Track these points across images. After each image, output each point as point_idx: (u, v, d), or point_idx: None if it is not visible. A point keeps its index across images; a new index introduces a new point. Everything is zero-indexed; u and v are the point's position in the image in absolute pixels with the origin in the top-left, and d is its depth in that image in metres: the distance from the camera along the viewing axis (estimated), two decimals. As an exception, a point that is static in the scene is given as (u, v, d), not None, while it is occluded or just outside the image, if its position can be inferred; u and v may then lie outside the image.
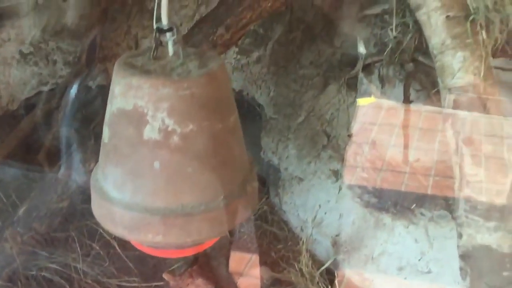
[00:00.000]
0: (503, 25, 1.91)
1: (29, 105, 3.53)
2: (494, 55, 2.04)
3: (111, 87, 1.34)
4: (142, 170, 1.24)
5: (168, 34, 1.35)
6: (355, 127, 3.08)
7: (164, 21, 1.34)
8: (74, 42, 3.65)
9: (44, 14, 3.53)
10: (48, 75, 3.71)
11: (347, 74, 3.00)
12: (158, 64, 1.35)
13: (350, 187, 3.00)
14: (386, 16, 2.43)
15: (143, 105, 1.25)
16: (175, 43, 1.36)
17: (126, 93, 1.28)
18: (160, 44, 1.38)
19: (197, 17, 3.64)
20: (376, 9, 2.62)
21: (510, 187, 1.73)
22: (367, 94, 2.98)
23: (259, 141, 3.66)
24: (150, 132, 1.25)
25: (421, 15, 2.03)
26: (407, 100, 2.74)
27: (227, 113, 1.40)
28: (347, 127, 3.09)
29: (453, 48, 1.94)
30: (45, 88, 3.57)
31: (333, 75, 3.10)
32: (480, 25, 1.90)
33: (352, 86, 3.02)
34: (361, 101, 3.11)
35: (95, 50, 3.43)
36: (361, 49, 2.84)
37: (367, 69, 2.90)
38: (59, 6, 3.38)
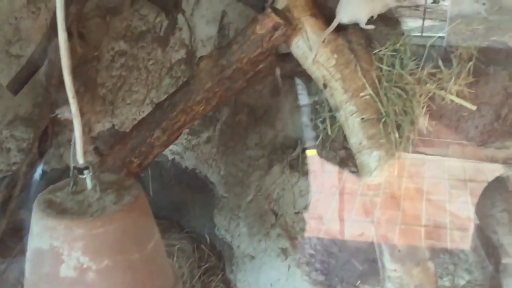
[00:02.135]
0: (412, 126, 2.08)
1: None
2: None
3: (31, 225, 1.42)
4: (61, 307, 1.30)
5: (85, 172, 1.45)
6: (301, 203, 3.19)
7: (80, 160, 1.45)
8: (28, 129, 3.73)
9: (-3, 105, 3.62)
10: (2, 162, 3.75)
11: (289, 156, 3.15)
12: (76, 200, 1.44)
13: (299, 265, 3.08)
14: (318, 107, 2.59)
15: (58, 245, 1.33)
16: (92, 179, 1.46)
17: (43, 233, 1.36)
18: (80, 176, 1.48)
19: (147, 101, 3.79)
20: (310, 99, 2.79)
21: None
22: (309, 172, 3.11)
23: (213, 217, 3.74)
24: (66, 270, 1.32)
25: (340, 116, 2.20)
26: (341, 184, 2.88)
27: (145, 241, 1.49)
28: (293, 205, 3.20)
29: (369, 147, 2.09)
30: (-1, 176, 3.61)
31: (277, 157, 3.24)
32: (391, 126, 2.06)
33: (295, 167, 3.15)
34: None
35: (47, 138, 3.50)
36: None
37: (308, 150, 3.05)
38: (11, 96, 3.47)
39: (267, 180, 3.31)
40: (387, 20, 2.36)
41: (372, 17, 2.28)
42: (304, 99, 2.84)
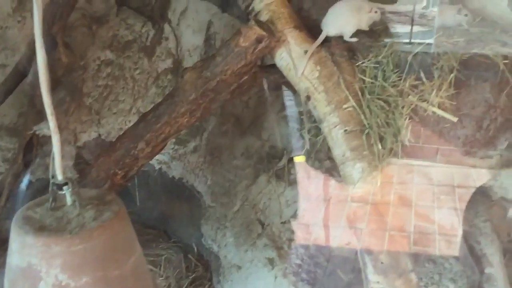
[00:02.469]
0: (395, 137, 2.09)
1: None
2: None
3: (9, 242, 1.41)
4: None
5: (64, 188, 1.45)
6: (288, 213, 3.19)
7: (59, 176, 1.44)
8: (13, 139, 3.70)
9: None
10: (-13, 172, 3.71)
11: (275, 165, 3.15)
12: (55, 216, 1.43)
13: (285, 275, 3.08)
14: (303, 117, 2.60)
15: (37, 262, 1.33)
16: (71, 195, 1.45)
17: (21, 251, 1.35)
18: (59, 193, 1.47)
19: (134, 111, 3.78)
20: (296, 109, 2.80)
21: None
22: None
23: (200, 227, 3.73)
24: (45, 288, 1.32)
25: (324, 128, 2.21)
26: (328, 193, 2.89)
27: (125, 257, 1.48)
28: (279, 215, 3.20)
29: (352, 159, 2.10)
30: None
31: (263, 166, 3.25)
32: (374, 138, 2.07)
33: (281, 176, 3.16)
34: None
35: (32, 148, 3.47)
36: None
37: (293, 161, 3.06)
38: (-4, 104, 3.44)
39: (253, 190, 3.31)
40: (370, 32, 2.38)
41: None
42: (289, 109, 2.85)
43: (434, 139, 2.27)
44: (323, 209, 2.85)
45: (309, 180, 3.01)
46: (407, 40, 2.82)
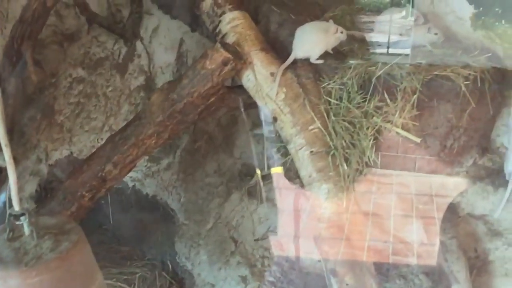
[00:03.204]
0: (360, 158, 2.12)
1: None
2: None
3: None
4: None
5: (21, 218, 1.43)
6: (260, 231, 3.19)
7: (16, 207, 1.43)
8: (-18, 159, 3.64)
9: None
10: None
11: (247, 183, 3.16)
12: (12, 247, 1.41)
13: (258, 293, 3.07)
14: (273, 136, 2.62)
15: (-8, 296, 1.31)
16: (28, 225, 1.44)
17: (-24, 284, 1.33)
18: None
19: (106, 128, 3.75)
20: (264, 129, 2.81)
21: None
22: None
23: (174, 245, 3.71)
24: (-1, 322, 1.29)
25: (290, 149, 2.23)
26: (299, 211, 2.90)
27: (85, 286, 1.47)
28: (252, 232, 3.20)
29: (319, 180, 2.12)
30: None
31: (235, 184, 3.25)
32: (340, 159, 2.09)
33: (253, 194, 3.16)
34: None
35: (1, 170, 3.42)
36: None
37: (266, 178, 3.07)
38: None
39: (226, 207, 3.31)
40: (336, 53, 2.42)
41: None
42: (260, 128, 2.86)
43: (399, 160, 2.30)
44: (295, 227, 2.86)
45: (281, 198, 3.02)
46: (385, 50, 2.89)
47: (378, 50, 2.95)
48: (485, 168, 2.68)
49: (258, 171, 3.08)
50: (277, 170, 2.80)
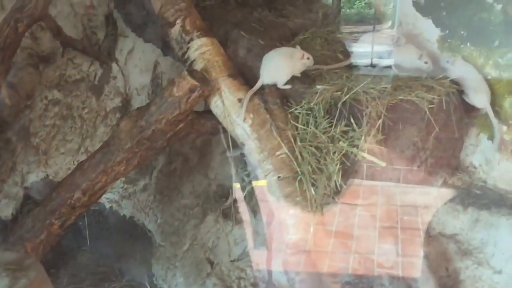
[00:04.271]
0: (327, 183, 2.14)
1: None
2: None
3: None
4: None
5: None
6: (236, 252, 3.19)
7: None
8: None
9: None
10: None
11: (222, 204, 3.16)
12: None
13: (235, 316, 3.06)
14: (245, 159, 2.63)
15: None
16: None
17: None
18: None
19: (82, 150, 3.74)
20: (236, 152, 2.83)
21: None
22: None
23: (151, 266, 3.69)
24: None
25: (258, 174, 2.24)
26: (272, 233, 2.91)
27: (43, 323, 1.46)
28: (228, 253, 3.20)
29: (286, 206, 2.13)
30: None
31: (210, 206, 3.25)
32: (307, 184, 2.11)
33: (228, 215, 3.17)
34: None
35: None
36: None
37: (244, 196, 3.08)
38: None
39: (202, 229, 3.30)
40: (304, 78, 2.45)
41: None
42: (233, 150, 2.88)
43: (367, 183, 2.33)
44: (267, 250, 2.87)
45: (255, 220, 3.03)
46: (368, 61, 2.93)
47: (362, 61, 3.01)
48: (455, 187, 2.72)
49: (232, 193, 3.09)
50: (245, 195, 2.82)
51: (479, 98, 2.53)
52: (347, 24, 3.99)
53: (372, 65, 2.82)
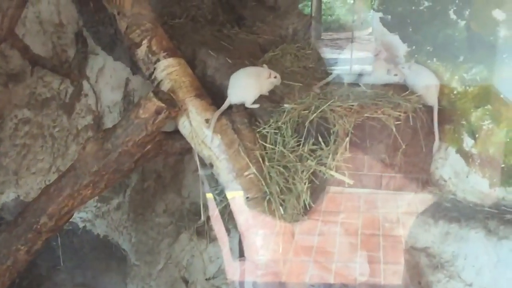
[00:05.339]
0: (296, 202, 2.14)
1: None
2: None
3: None
4: None
5: None
6: (211, 270, 3.16)
7: None
8: None
9: None
10: None
11: (196, 222, 3.13)
12: None
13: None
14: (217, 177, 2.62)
15: None
16: None
17: None
18: None
19: (53, 169, 3.68)
20: (207, 171, 2.82)
21: None
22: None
23: (126, 286, 3.64)
24: None
25: (227, 195, 2.23)
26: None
27: None
28: (203, 271, 3.17)
29: (255, 226, 2.12)
30: None
31: (184, 224, 3.22)
32: (275, 204, 2.11)
33: (202, 233, 3.14)
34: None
35: None
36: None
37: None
38: None
39: (176, 247, 3.27)
40: (272, 95, 2.45)
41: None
42: (204, 169, 2.86)
43: (336, 200, 2.33)
44: (240, 271, 2.85)
45: (229, 238, 3.01)
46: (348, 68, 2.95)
47: (340, 67, 3.03)
48: (425, 201, 2.74)
49: (205, 211, 3.07)
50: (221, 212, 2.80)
51: (431, 95, 2.57)
52: (328, 31, 4.04)
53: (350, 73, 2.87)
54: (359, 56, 3.20)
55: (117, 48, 3.25)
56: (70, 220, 2.66)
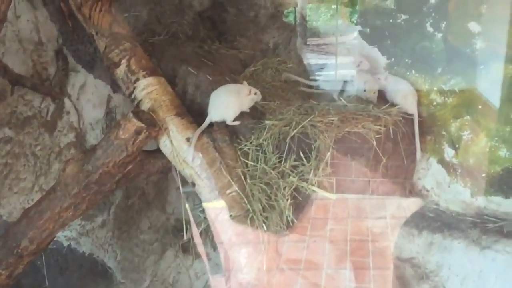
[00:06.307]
0: (279, 219, 2.14)
1: None
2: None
3: None
4: None
5: None
6: (198, 286, 3.14)
7: None
8: None
9: None
10: None
11: (181, 239, 3.12)
12: None
13: None
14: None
15: None
16: None
17: None
18: None
19: (36, 188, 3.64)
20: (189, 188, 2.81)
21: None
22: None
23: (113, 305, 3.60)
24: None
25: (210, 213, 2.22)
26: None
27: None
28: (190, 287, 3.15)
29: (238, 244, 2.11)
30: None
31: (169, 240, 3.21)
32: (258, 222, 2.10)
33: (188, 250, 3.13)
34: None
35: None
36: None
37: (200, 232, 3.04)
38: None
39: (162, 264, 3.25)
40: (253, 112, 2.45)
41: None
42: (186, 186, 2.85)
43: (320, 214, 2.33)
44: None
45: (215, 254, 2.99)
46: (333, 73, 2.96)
47: (326, 72, 3.04)
48: (409, 211, 2.76)
49: (190, 227, 3.05)
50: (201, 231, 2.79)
51: (410, 104, 2.60)
52: (313, 37, 4.06)
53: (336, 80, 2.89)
54: (345, 62, 3.22)
55: (97, 66, 3.23)
56: (55, 239, 2.64)
